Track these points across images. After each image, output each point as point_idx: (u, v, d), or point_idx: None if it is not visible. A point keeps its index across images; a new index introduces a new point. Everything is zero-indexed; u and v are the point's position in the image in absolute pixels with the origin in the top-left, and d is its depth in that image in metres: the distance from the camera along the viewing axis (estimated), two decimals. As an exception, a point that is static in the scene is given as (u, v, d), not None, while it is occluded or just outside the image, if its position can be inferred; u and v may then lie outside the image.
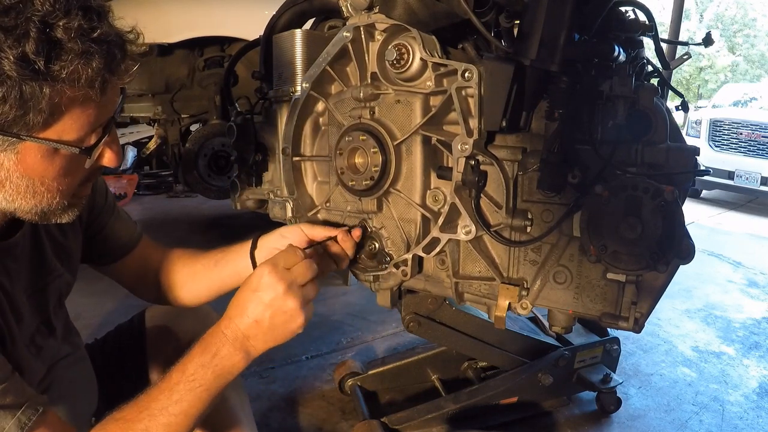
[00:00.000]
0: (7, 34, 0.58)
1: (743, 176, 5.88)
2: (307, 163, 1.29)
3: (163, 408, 0.75)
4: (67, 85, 0.63)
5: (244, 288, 0.83)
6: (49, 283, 0.93)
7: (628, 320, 0.97)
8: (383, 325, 2.40)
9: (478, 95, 0.98)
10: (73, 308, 1.05)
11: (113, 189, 4.82)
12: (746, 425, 1.81)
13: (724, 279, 3.41)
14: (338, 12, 1.18)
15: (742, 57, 24.12)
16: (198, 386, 0.77)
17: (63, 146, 0.68)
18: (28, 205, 0.73)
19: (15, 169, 0.68)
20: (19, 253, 0.86)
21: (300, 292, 0.82)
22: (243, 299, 0.82)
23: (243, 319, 0.81)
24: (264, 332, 0.81)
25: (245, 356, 0.82)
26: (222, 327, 0.82)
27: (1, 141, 0.65)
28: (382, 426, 1.53)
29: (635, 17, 1.13)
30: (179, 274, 1.12)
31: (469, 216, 1.03)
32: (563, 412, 1.79)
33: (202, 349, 0.80)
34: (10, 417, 0.68)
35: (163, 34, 2.89)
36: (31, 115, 0.63)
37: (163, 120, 3.51)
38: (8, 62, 0.58)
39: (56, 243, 0.95)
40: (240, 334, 0.81)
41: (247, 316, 0.81)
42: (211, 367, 0.79)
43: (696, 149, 0.96)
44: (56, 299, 0.96)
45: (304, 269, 0.84)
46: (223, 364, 0.80)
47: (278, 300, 0.80)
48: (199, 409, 0.78)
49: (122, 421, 0.74)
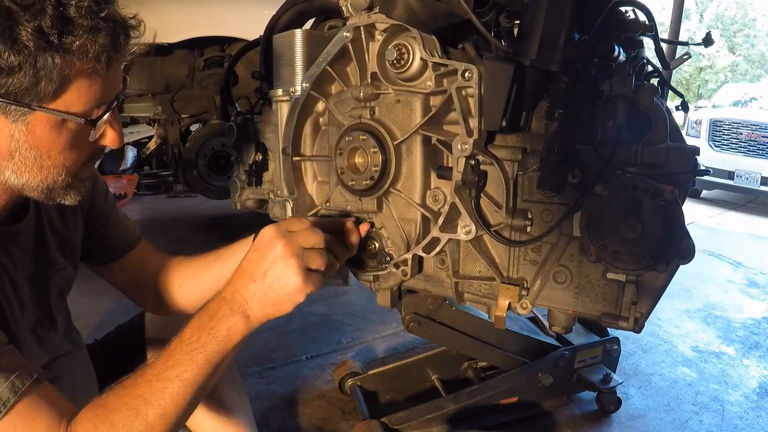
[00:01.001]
0: (26, 9, 0.64)
1: (743, 176, 5.88)
2: (307, 163, 1.29)
3: (159, 374, 0.73)
4: (76, 57, 0.68)
5: (248, 251, 0.82)
6: (52, 275, 0.94)
7: (628, 320, 0.97)
8: (383, 325, 2.40)
9: (478, 95, 0.98)
10: (73, 308, 1.06)
11: (113, 189, 4.83)
12: (746, 425, 1.81)
13: (724, 279, 3.41)
14: (338, 12, 1.18)
15: (742, 57, 24.13)
16: (194, 350, 0.74)
17: (70, 117, 0.72)
18: (35, 181, 0.76)
19: (24, 140, 0.72)
20: (23, 242, 0.87)
21: (301, 252, 0.79)
22: (245, 260, 0.81)
23: (241, 280, 0.79)
24: (262, 293, 0.78)
25: (243, 319, 0.78)
26: (223, 290, 0.80)
27: (14, 112, 0.69)
28: (382, 426, 1.53)
29: (635, 17, 1.13)
30: (179, 275, 1.12)
31: (469, 216, 1.03)
32: (563, 412, 1.79)
33: (201, 313, 0.79)
34: (4, 380, 0.67)
35: (163, 34, 2.89)
36: (43, 85, 0.67)
37: (163, 120, 3.52)
38: (26, 34, 0.64)
39: (59, 236, 0.96)
40: (237, 296, 0.78)
41: (246, 276, 0.79)
42: (207, 329, 0.76)
43: (696, 149, 0.96)
44: (58, 292, 0.97)
45: (309, 233, 0.82)
46: (220, 326, 0.76)
47: (276, 257, 0.78)
48: (197, 376, 0.74)
49: (121, 387, 0.73)
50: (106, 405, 0.71)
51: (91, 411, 0.71)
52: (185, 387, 0.73)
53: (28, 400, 0.68)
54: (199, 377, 0.74)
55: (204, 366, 0.74)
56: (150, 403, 0.71)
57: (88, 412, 0.71)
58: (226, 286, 0.81)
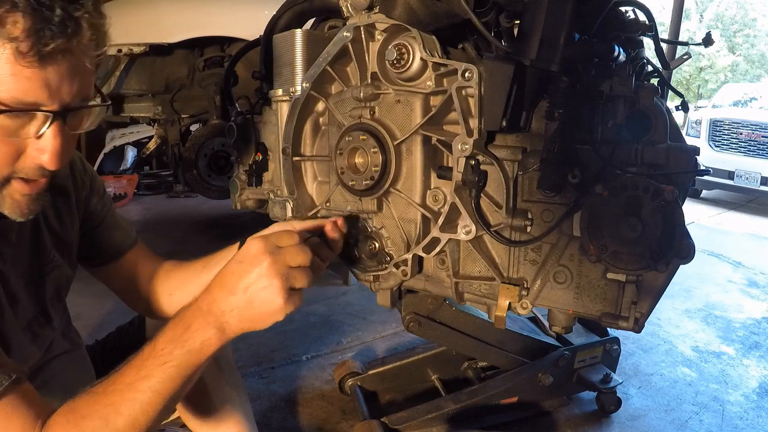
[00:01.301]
0: None
1: (743, 176, 5.88)
2: (307, 163, 1.29)
3: (131, 383, 0.71)
4: None
5: (230, 260, 0.78)
6: (47, 273, 0.94)
7: (628, 320, 0.97)
8: (383, 325, 2.40)
9: (478, 95, 0.98)
10: (73, 308, 1.06)
11: (113, 189, 4.83)
12: (746, 425, 1.81)
13: (724, 279, 3.41)
14: (338, 12, 1.18)
15: (742, 57, 24.13)
16: (166, 362, 0.72)
17: None
18: None
19: None
20: (15, 239, 0.86)
21: (286, 272, 0.75)
22: (225, 271, 0.77)
23: (220, 292, 0.75)
24: (240, 308, 0.74)
25: (218, 333, 0.74)
26: (199, 300, 0.76)
27: None
28: (382, 426, 1.53)
29: (635, 17, 1.13)
30: (169, 282, 1.11)
31: (469, 216, 1.03)
32: (563, 412, 1.79)
33: (175, 323, 0.75)
34: None
35: (164, 34, 2.89)
36: None
37: (163, 120, 3.52)
38: None
39: (56, 234, 0.95)
40: (215, 308, 0.75)
41: (226, 288, 0.75)
42: (180, 341, 0.73)
43: (696, 149, 0.96)
44: (54, 290, 0.96)
45: (297, 252, 0.77)
46: (194, 338, 0.73)
47: (261, 274, 0.74)
48: (168, 387, 0.72)
49: (92, 394, 0.72)
50: (78, 410, 0.71)
51: (62, 415, 0.71)
52: (156, 398, 0.72)
53: (7, 399, 0.68)
54: (170, 389, 0.73)
55: (176, 378, 0.73)
56: (120, 413, 0.70)
57: (60, 416, 0.70)
58: (203, 294, 0.77)
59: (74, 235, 1.01)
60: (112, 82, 3.02)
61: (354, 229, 1.16)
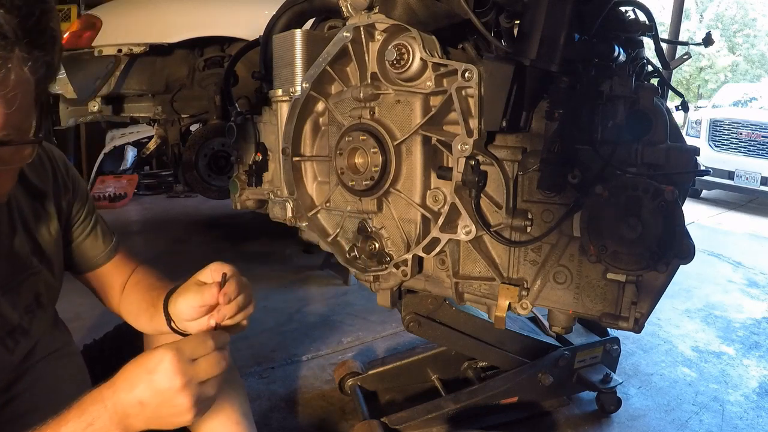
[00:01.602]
0: None
1: (743, 176, 5.88)
2: (307, 163, 1.29)
3: None
4: None
5: (141, 364, 0.74)
6: (24, 280, 0.91)
7: (628, 320, 0.97)
8: (383, 325, 2.40)
9: (478, 95, 0.98)
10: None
11: (113, 189, 4.83)
12: (746, 425, 1.81)
13: (724, 279, 3.41)
14: (338, 12, 1.18)
15: (742, 57, 24.12)
16: None
17: None
18: None
19: None
20: None
21: (197, 390, 0.73)
22: (135, 375, 0.73)
23: (129, 396, 0.72)
24: (147, 417, 0.72)
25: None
26: (104, 395, 0.73)
27: None
28: (382, 426, 1.53)
29: (635, 17, 1.13)
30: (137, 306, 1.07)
31: (469, 216, 1.03)
32: (563, 412, 1.79)
33: (78, 414, 0.72)
34: None
35: (164, 34, 2.90)
36: None
37: (163, 120, 3.51)
38: None
39: (34, 240, 0.93)
40: (121, 410, 0.72)
41: (134, 395, 0.72)
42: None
43: (696, 149, 0.96)
44: (33, 296, 0.94)
45: (211, 365, 0.75)
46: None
47: (171, 393, 0.72)
48: None
49: None
50: None
51: None
52: None
53: None
54: None
55: None
56: None
57: None
58: (110, 387, 0.73)
59: (54, 239, 0.98)
60: (112, 82, 3.02)
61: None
